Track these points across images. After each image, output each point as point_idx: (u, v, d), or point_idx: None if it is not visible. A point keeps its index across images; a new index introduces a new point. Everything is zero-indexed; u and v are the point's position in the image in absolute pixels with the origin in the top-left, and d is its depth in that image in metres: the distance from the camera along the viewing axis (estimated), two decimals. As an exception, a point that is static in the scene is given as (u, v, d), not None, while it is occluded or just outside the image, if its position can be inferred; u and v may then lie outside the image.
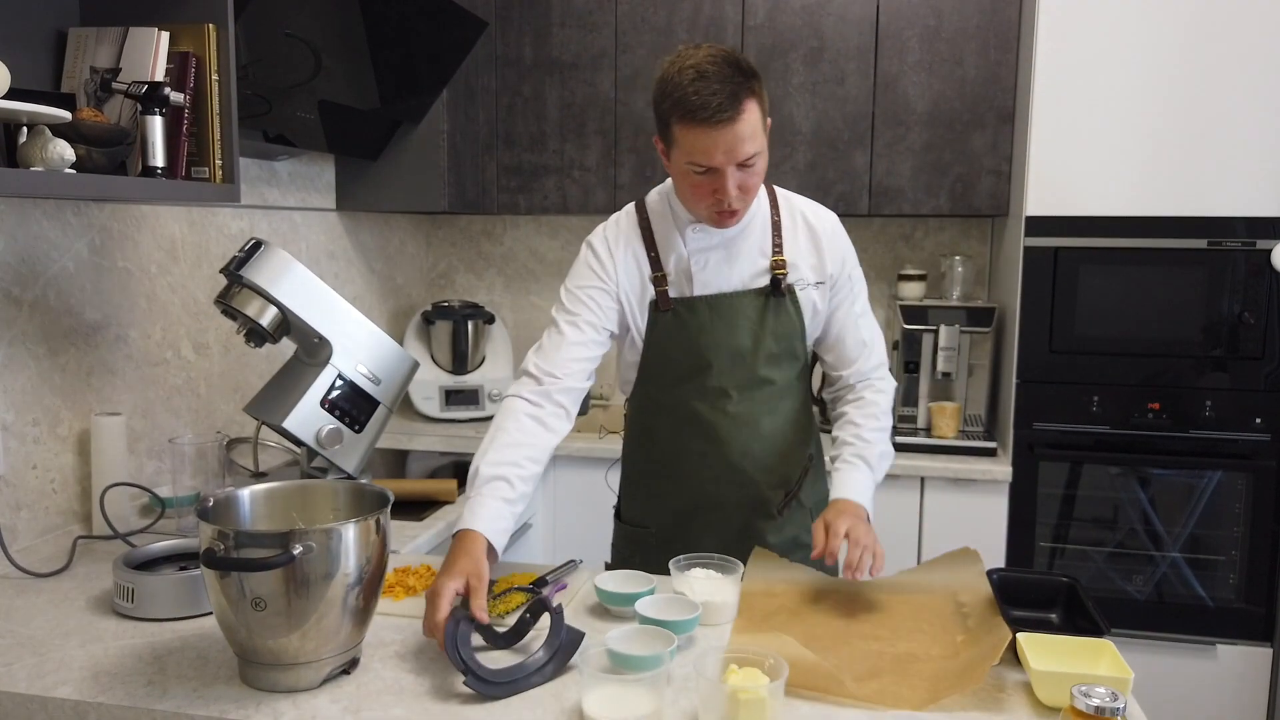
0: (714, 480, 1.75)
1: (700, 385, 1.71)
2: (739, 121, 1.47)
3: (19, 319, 1.76)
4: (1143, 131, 2.46)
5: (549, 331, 1.67)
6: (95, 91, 1.64)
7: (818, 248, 1.71)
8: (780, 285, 1.68)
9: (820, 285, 1.71)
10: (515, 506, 1.52)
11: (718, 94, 1.45)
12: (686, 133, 1.50)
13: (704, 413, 1.72)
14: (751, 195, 1.58)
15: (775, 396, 1.74)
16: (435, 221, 3.47)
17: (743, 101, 1.47)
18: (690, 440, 1.74)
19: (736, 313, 1.69)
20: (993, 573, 1.51)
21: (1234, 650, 2.52)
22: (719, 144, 1.48)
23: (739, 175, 1.52)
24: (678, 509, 1.79)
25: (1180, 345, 2.49)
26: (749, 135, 1.49)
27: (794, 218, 1.72)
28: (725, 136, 1.47)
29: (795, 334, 1.71)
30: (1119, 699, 1.01)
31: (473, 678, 1.19)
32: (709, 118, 1.46)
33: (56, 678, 1.24)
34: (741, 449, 1.73)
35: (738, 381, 1.71)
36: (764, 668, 1.14)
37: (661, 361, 1.72)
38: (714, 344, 1.69)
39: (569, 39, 2.93)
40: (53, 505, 1.84)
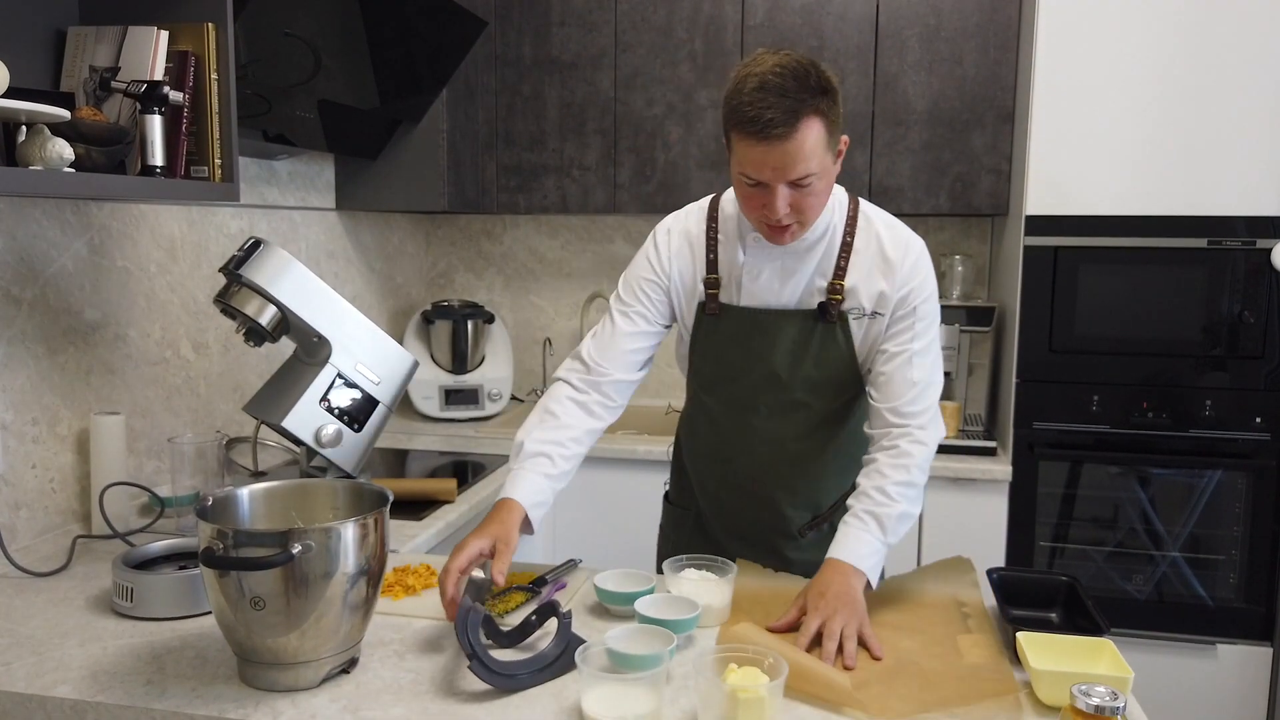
0: (732, 489, 1.75)
1: (730, 394, 1.69)
2: (792, 140, 1.40)
3: (18, 318, 1.76)
4: (1142, 130, 2.45)
5: (604, 320, 1.69)
6: (94, 90, 1.64)
7: (887, 276, 1.59)
8: (829, 312, 1.59)
9: (879, 316, 1.60)
10: (556, 483, 1.57)
11: (774, 108, 1.39)
12: (740, 143, 1.45)
13: (731, 422, 1.70)
14: (808, 215, 1.50)
15: (812, 423, 1.67)
16: (435, 221, 3.47)
17: (801, 119, 1.40)
18: (719, 444, 1.74)
19: (778, 331, 1.62)
20: (993, 572, 1.51)
21: (1234, 650, 2.52)
22: (769, 160, 1.43)
23: (791, 194, 1.46)
24: (707, 505, 1.80)
25: (1180, 345, 2.49)
26: (804, 155, 1.42)
27: (869, 241, 1.61)
28: (776, 153, 1.42)
29: (842, 363, 1.62)
30: (1119, 698, 1.01)
31: (477, 663, 1.19)
32: (759, 131, 1.40)
33: (55, 677, 1.24)
34: (762, 465, 1.70)
35: (769, 400, 1.66)
36: (763, 667, 1.14)
37: (701, 362, 1.70)
38: (748, 358, 1.64)
39: (569, 38, 2.93)
40: (52, 504, 1.84)
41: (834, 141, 1.47)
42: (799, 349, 1.62)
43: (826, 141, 1.45)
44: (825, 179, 1.48)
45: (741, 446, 1.70)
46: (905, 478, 1.56)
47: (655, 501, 1.98)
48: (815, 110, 1.41)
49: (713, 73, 2.85)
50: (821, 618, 1.36)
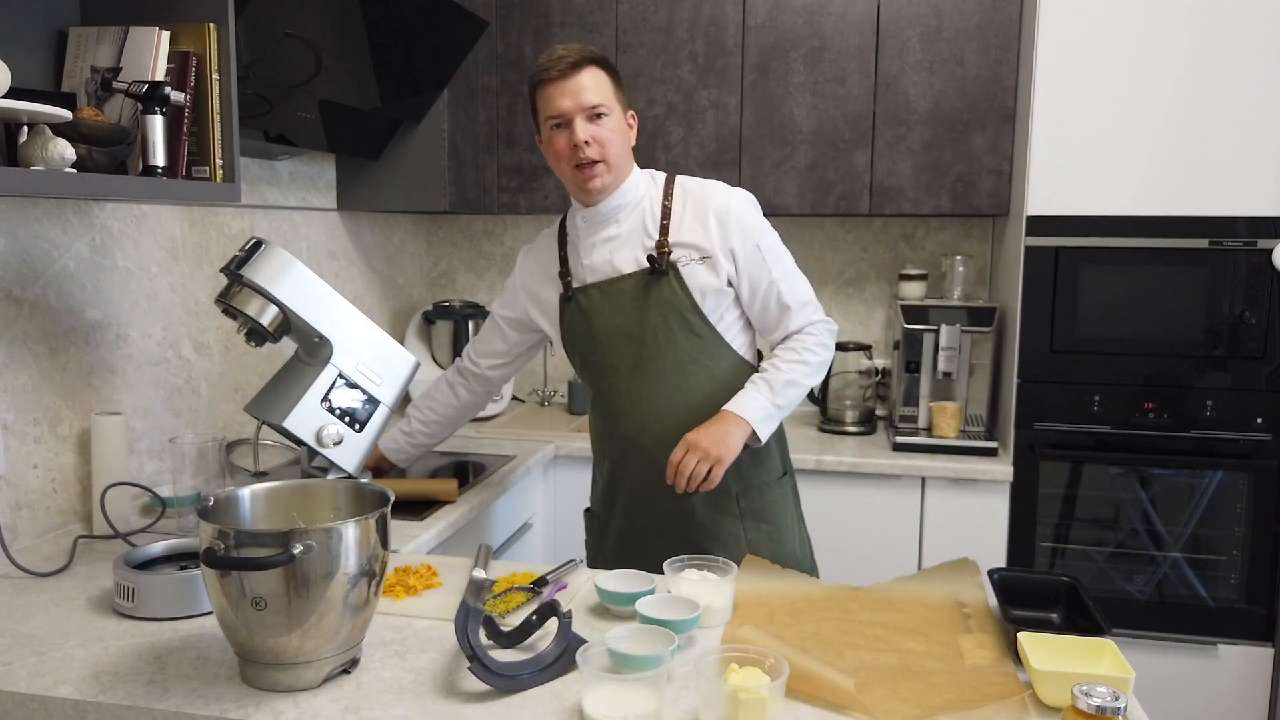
0: (621, 460, 1.91)
1: (598, 366, 1.90)
2: (580, 75, 1.74)
3: (19, 318, 1.76)
4: (1144, 131, 2.45)
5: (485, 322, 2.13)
6: (96, 91, 1.64)
7: (705, 224, 1.82)
8: (658, 263, 1.81)
9: (708, 259, 1.81)
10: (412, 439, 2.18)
11: (562, 59, 1.75)
12: (541, 95, 1.77)
13: (603, 391, 1.91)
14: (608, 150, 1.77)
15: (671, 372, 1.84)
16: (436, 221, 3.47)
17: (586, 65, 1.75)
18: (601, 421, 1.94)
19: (621, 294, 1.84)
20: (994, 572, 1.51)
21: (1235, 650, 2.52)
22: (565, 91, 1.74)
23: (589, 128, 1.75)
24: (607, 491, 1.97)
25: (1181, 345, 2.49)
26: (593, 86, 1.75)
27: (687, 200, 1.85)
28: (570, 84, 1.74)
29: (683, 307, 1.81)
30: (1120, 698, 1.01)
31: (478, 664, 1.19)
32: (551, 68, 1.75)
33: (57, 677, 1.24)
34: (639, 424, 1.86)
35: (629, 360, 1.85)
36: (764, 667, 1.14)
37: (572, 348, 1.95)
38: (605, 326, 1.86)
39: (569, 39, 2.93)
40: (53, 505, 1.84)
41: (620, 98, 1.81)
42: (639, 303, 1.83)
43: (612, 89, 1.79)
44: (617, 121, 1.79)
45: (616, 414, 1.89)
46: (794, 356, 1.83)
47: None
48: (597, 63, 1.77)
49: (713, 73, 2.85)
50: (683, 450, 1.72)
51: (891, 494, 2.59)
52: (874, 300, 3.18)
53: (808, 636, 1.38)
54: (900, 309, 2.78)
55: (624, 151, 1.82)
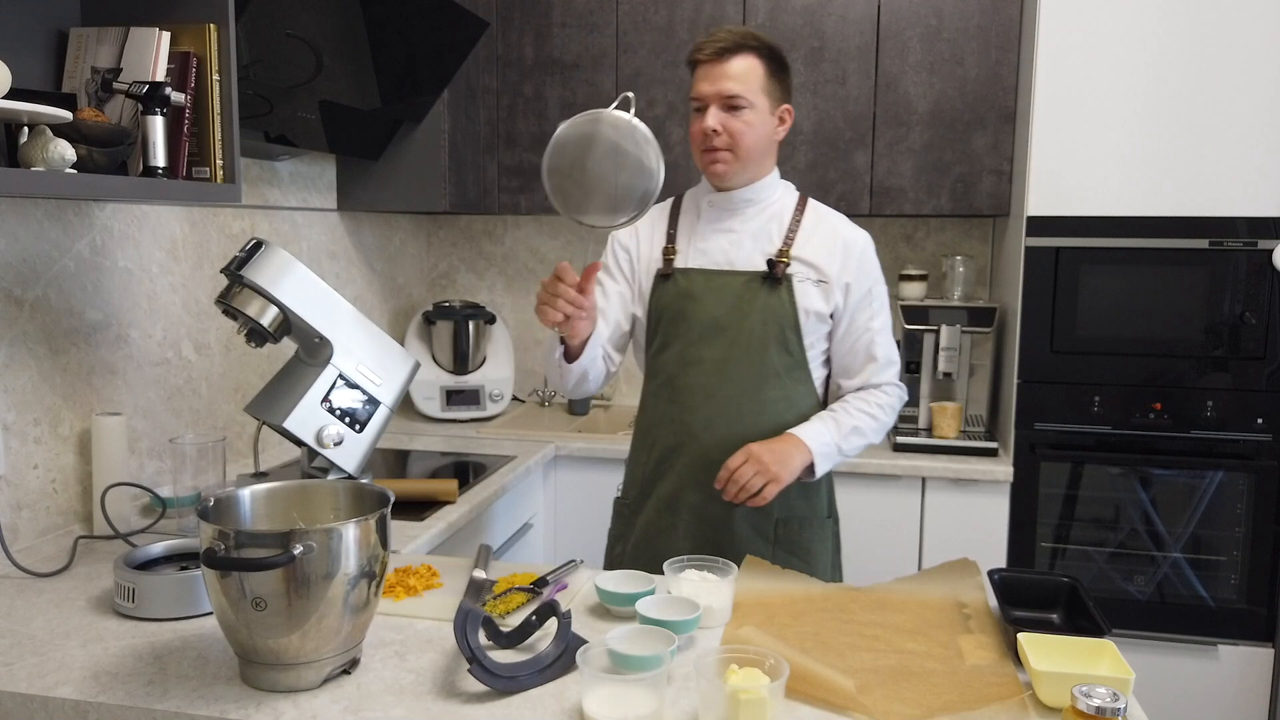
0: (675, 449, 1.83)
1: (679, 352, 1.82)
2: (729, 62, 1.71)
3: (20, 319, 1.76)
4: (1144, 131, 2.45)
5: None
6: (96, 91, 1.64)
7: (832, 252, 1.80)
8: (775, 270, 1.77)
9: (823, 284, 1.79)
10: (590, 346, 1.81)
11: (721, 40, 1.72)
12: (695, 74, 1.76)
13: (676, 377, 1.83)
14: (738, 142, 1.73)
15: (753, 380, 1.79)
16: (436, 221, 3.47)
17: (739, 52, 1.71)
18: (664, 407, 1.85)
19: (726, 288, 1.79)
20: (994, 573, 1.51)
21: (1235, 651, 2.52)
22: (709, 75, 1.72)
23: (722, 116, 1.72)
24: (646, 478, 1.89)
25: (1181, 345, 2.49)
26: (738, 77, 1.71)
27: (819, 222, 1.84)
28: (714, 71, 1.72)
29: (784, 318, 1.78)
30: (1120, 699, 1.01)
31: (477, 666, 1.19)
32: (702, 48, 1.73)
33: (57, 677, 1.24)
34: (703, 420, 1.80)
35: (713, 353, 1.79)
36: (764, 668, 1.14)
37: (655, 326, 1.86)
38: (696, 312, 1.80)
39: (570, 39, 2.93)
40: (54, 505, 1.84)
41: (773, 92, 1.76)
42: (743, 303, 1.78)
43: (764, 83, 1.74)
44: (758, 115, 1.74)
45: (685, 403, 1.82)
46: (865, 407, 1.82)
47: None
48: (756, 53, 1.73)
49: (714, 73, 2.85)
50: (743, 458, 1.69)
51: (892, 494, 2.59)
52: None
53: (808, 637, 1.38)
54: (900, 309, 2.78)
55: (761, 146, 1.78)
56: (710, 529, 1.82)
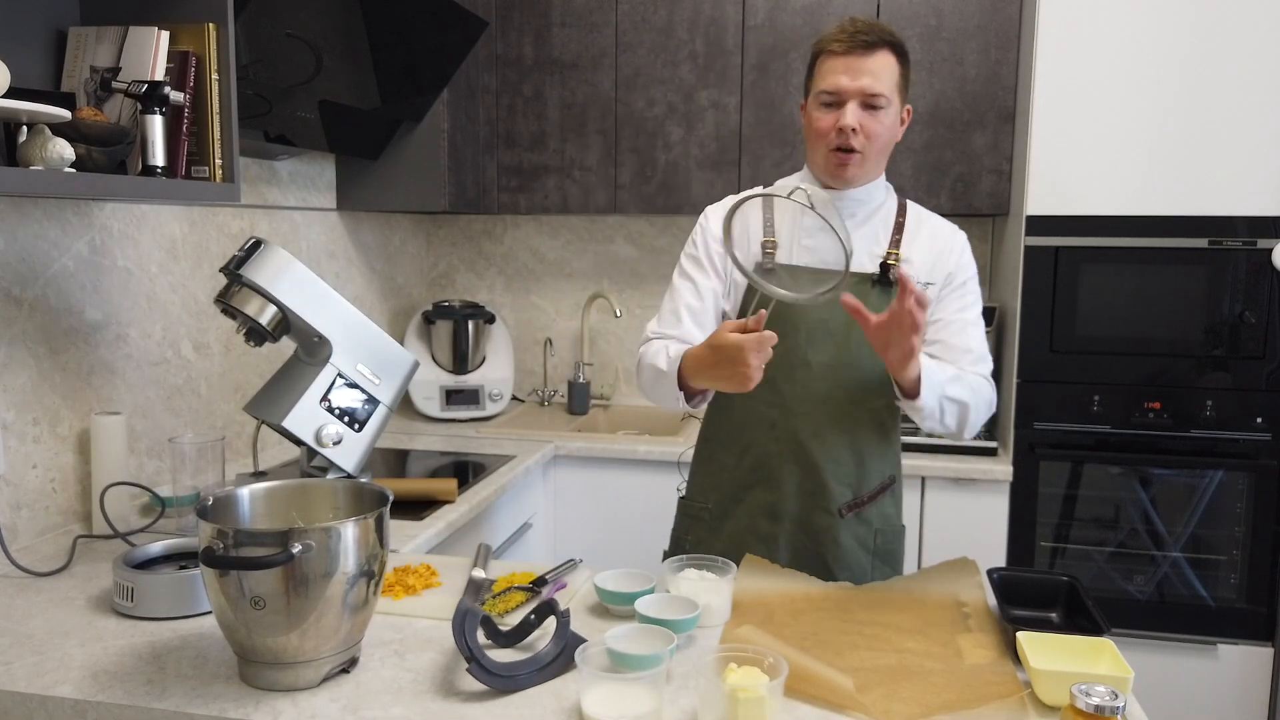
0: (779, 455, 1.72)
1: (784, 353, 1.64)
2: (871, 56, 1.61)
3: (19, 318, 1.76)
4: (1144, 130, 2.45)
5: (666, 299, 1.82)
6: (95, 91, 1.64)
7: (936, 251, 1.73)
8: (889, 273, 1.69)
9: (930, 286, 1.72)
10: None
11: (865, 32, 1.62)
12: (824, 63, 1.65)
13: (781, 381, 1.70)
14: (873, 142, 1.64)
15: (862, 387, 1.70)
16: (436, 221, 3.47)
17: (880, 48, 1.61)
18: (763, 409, 1.73)
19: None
20: (993, 572, 1.51)
21: (1235, 650, 2.52)
22: (850, 67, 1.61)
23: (860, 114, 1.62)
24: (737, 482, 1.77)
25: (1181, 345, 2.49)
26: (878, 74, 1.61)
27: (919, 223, 1.76)
28: (856, 63, 1.61)
29: None
30: (1119, 698, 1.01)
31: (476, 666, 1.19)
32: (846, 39, 1.62)
33: (56, 676, 1.24)
34: (813, 427, 1.71)
35: (823, 359, 1.70)
36: (763, 667, 1.14)
37: None
38: (809, 316, 1.68)
39: (569, 38, 2.93)
40: (53, 504, 1.84)
41: (903, 92, 1.67)
42: None
43: (898, 82, 1.64)
44: (891, 116, 1.65)
45: (791, 407, 1.71)
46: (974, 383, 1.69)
47: (658, 502, 1.98)
48: (893, 50, 1.64)
49: (713, 73, 2.85)
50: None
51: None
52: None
53: (807, 636, 1.38)
54: (900, 309, 2.77)
55: (888, 149, 1.70)
56: (814, 541, 1.73)
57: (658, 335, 1.78)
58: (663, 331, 1.78)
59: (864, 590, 1.56)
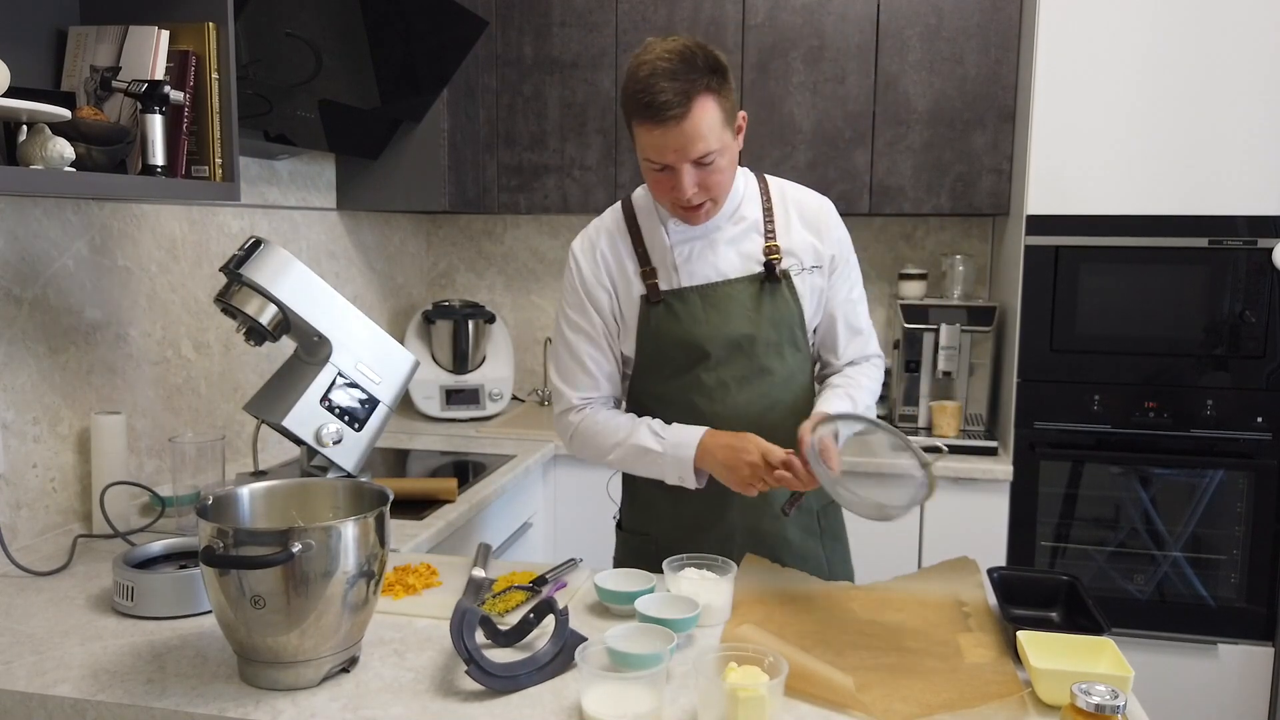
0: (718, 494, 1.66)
1: (697, 378, 1.66)
2: (688, 120, 1.46)
3: (19, 317, 1.76)
4: (1144, 130, 2.45)
5: (560, 355, 1.73)
6: (95, 90, 1.64)
7: (814, 231, 1.68)
8: (775, 270, 1.65)
9: (818, 269, 1.68)
10: None
11: (666, 91, 1.44)
12: (640, 130, 1.50)
13: (703, 406, 1.66)
14: (717, 192, 1.56)
15: (777, 389, 1.68)
16: (436, 221, 3.47)
17: (694, 99, 1.45)
18: None
19: (730, 301, 1.65)
20: (993, 571, 1.51)
21: (1235, 650, 2.52)
22: (669, 142, 1.48)
23: (696, 173, 1.52)
24: (679, 514, 1.72)
25: (1181, 344, 2.49)
26: (702, 134, 1.47)
27: (785, 204, 1.70)
28: (674, 135, 1.47)
29: (794, 321, 1.67)
30: (1119, 697, 1.01)
31: (475, 667, 1.19)
32: (655, 115, 1.46)
33: (56, 675, 1.24)
34: None
35: (737, 373, 1.66)
36: (763, 666, 1.14)
37: (656, 355, 1.68)
38: (710, 334, 1.64)
39: (569, 38, 2.93)
40: (53, 504, 1.84)
41: (730, 118, 1.53)
42: (754, 314, 1.65)
43: (723, 119, 1.50)
44: (728, 155, 1.54)
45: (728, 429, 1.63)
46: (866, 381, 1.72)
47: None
48: (706, 89, 1.47)
49: (713, 72, 2.85)
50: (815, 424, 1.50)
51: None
52: (874, 300, 3.18)
53: (807, 635, 1.38)
54: (900, 308, 2.78)
55: (732, 177, 1.61)
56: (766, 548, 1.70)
57: (581, 404, 1.72)
58: (587, 397, 1.72)
59: (864, 589, 1.56)
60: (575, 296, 1.70)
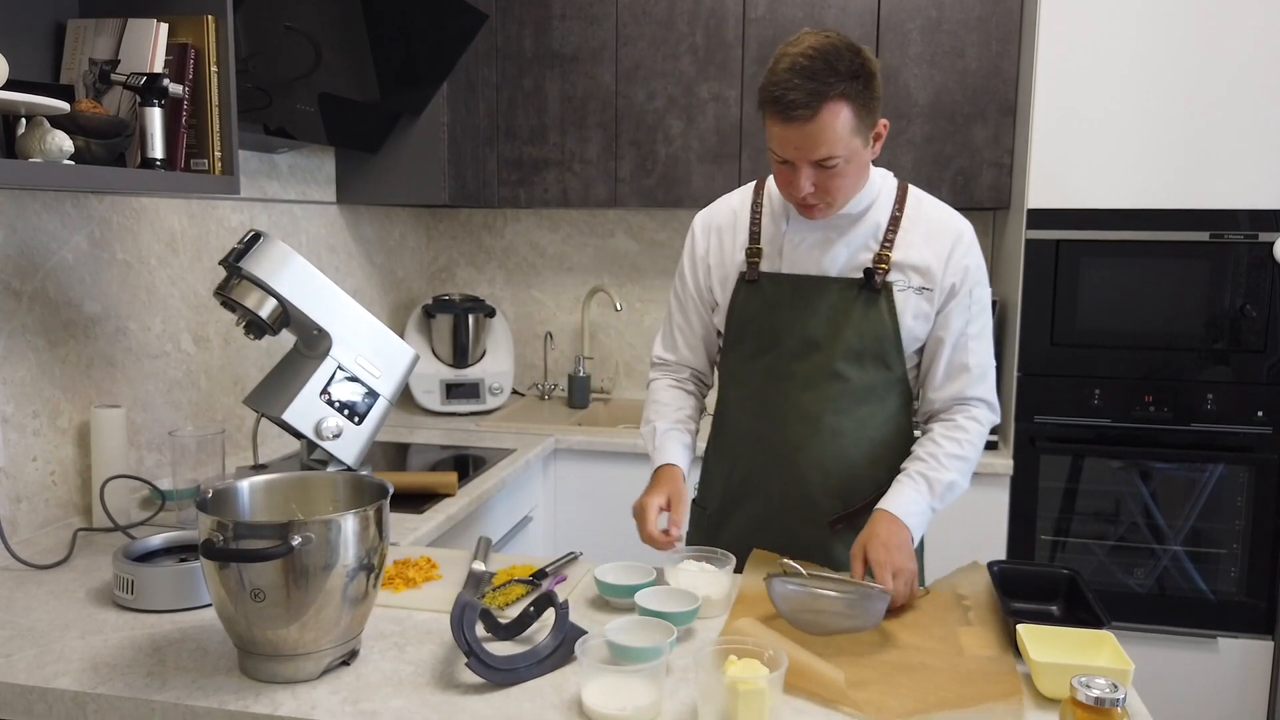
0: (765, 468, 1.68)
1: (770, 364, 1.66)
2: (813, 122, 1.45)
3: (18, 311, 1.76)
4: (1145, 123, 2.45)
5: (665, 318, 1.84)
6: (94, 83, 1.63)
7: (935, 253, 1.61)
8: (874, 279, 1.59)
9: (926, 291, 1.61)
10: (690, 453, 1.74)
11: (798, 89, 1.44)
12: (768, 122, 1.52)
13: (767, 393, 1.66)
14: (835, 196, 1.54)
15: (849, 398, 1.63)
16: (436, 215, 3.46)
17: (824, 103, 1.44)
18: (751, 421, 1.70)
19: (821, 298, 1.62)
20: (993, 565, 1.51)
21: (1235, 643, 2.52)
22: (791, 140, 1.48)
23: (815, 174, 1.51)
24: (730, 492, 1.75)
25: (1182, 338, 2.49)
26: (827, 139, 1.46)
27: (918, 218, 1.64)
28: (798, 134, 1.47)
29: (886, 336, 1.61)
30: (1119, 690, 1.01)
31: (475, 660, 1.19)
32: (782, 112, 1.46)
33: (56, 669, 1.24)
34: (797, 440, 1.65)
35: (807, 369, 1.63)
36: (763, 659, 1.14)
37: (739, 334, 1.70)
38: (788, 323, 1.63)
39: (569, 31, 2.93)
40: (53, 497, 1.84)
41: (865, 126, 1.51)
42: (840, 316, 1.62)
43: (854, 125, 1.48)
44: (854, 162, 1.52)
45: (776, 420, 1.66)
46: (957, 450, 1.61)
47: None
48: (841, 95, 1.45)
49: (714, 66, 2.84)
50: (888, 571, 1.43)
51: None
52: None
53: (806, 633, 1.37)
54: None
55: (858, 183, 1.58)
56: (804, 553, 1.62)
57: (660, 362, 1.85)
58: (664, 358, 1.84)
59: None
60: (681, 264, 1.79)
